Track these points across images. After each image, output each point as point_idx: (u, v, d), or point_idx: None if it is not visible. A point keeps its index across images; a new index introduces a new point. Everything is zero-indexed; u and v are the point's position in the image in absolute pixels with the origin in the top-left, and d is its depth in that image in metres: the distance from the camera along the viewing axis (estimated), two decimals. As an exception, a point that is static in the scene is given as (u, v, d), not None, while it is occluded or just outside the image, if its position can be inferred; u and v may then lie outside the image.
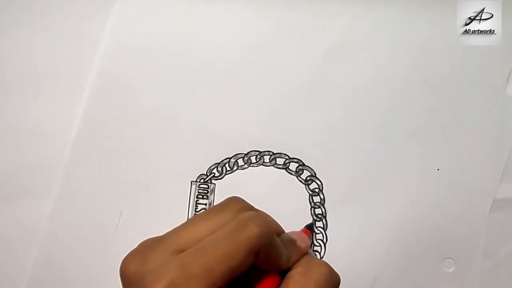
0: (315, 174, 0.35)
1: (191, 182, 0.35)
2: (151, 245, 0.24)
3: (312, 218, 0.35)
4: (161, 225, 0.34)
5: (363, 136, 0.35)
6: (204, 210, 0.34)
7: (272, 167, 0.35)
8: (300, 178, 0.35)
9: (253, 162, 0.35)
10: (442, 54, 0.35)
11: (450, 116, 0.35)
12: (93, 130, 0.35)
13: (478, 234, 0.35)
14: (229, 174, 0.35)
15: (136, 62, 0.35)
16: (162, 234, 0.25)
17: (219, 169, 0.35)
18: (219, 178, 0.35)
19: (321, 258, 0.34)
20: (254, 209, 0.26)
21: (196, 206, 0.34)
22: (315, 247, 0.34)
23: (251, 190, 0.35)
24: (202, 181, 0.35)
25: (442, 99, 0.35)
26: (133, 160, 0.35)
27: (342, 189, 0.35)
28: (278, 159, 0.35)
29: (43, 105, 0.35)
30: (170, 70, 0.35)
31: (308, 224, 0.34)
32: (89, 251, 0.34)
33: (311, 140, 0.35)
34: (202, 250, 0.22)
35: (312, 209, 0.35)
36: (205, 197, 0.34)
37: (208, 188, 0.35)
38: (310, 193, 0.35)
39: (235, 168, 0.35)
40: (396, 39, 0.35)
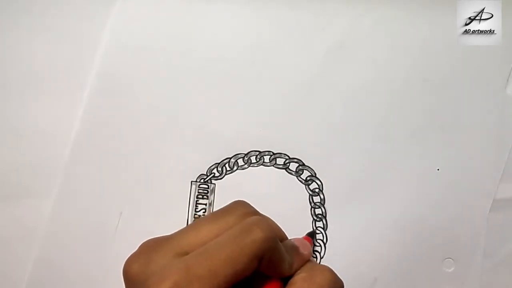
0: (315, 174, 0.35)
1: (191, 182, 0.35)
2: (155, 246, 0.24)
3: (312, 218, 0.35)
4: (161, 225, 0.34)
5: (363, 136, 0.35)
6: (208, 213, 0.34)
7: (272, 167, 0.35)
8: (300, 178, 0.35)
9: (253, 162, 0.35)
10: (442, 54, 0.35)
11: (450, 116, 0.35)
12: (93, 130, 0.35)
13: (478, 234, 0.35)
14: (229, 174, 0.35)
15: (136, 62, 0.35)
16: (165, 235, 0.25)
17: (219, 169, 0.35)
18: (219, 178, 0.35)
19: (321, 258, 0.34)
20: (259, 213, 0.26)
21: (196, 206, 0.34)
22: (315, 247, 0.34)
23: (251, 190, 0.35)
24: (202, 181, 0.35)
25: (442, 99, 0.35)
26: (133, 160, 0.35)
27: (342, 189, 0.35)
28: (278, 159, 0.35)
29: (43, 105, 0.35)
30: (170, 70, 0.35)
31: (309, 232, 0.34)
32: (89, 251, 0.34)
33: (311, 140, 0.35)
34: (206, 253, 0.22)
35: (312, 209, 0.35)
36: (205, 197, 0.34)
37: (208, 188, 0.35)
38: (310, 193, 0.35)
39: (235, 168, 0.35)
40: (396, 39, 0.35)
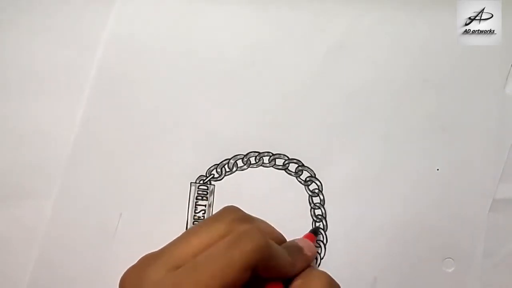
0: (315, 174, 0.35)
1: (191, 183, 0.35)
2: (149, 261, 0.24)
3: (312, 219, 0.35)
4: (160, 226, 0.34)
5: (363, 136, 0.35)
6: (200, 222, 0.34)
7: (271, 168, 0.35)
8: (299, 179, 0.35)
9: (252, 163, 0.35)
10: (442, 54, 0.35)
11: (450, 116, 0.35)
12: (93, 131, 0.35)
13: (478, 234, 0.35)
14: (228, 175, 0.35)
15: (135, 62, 0.35)
16: (159, 249, 0.25)
17: (219, 170, 0.35)
18: (219, 179, 0.35)
19: (321, 258, 0.34)
20: (250, 218, 0.26)
21: (195, 207, 0.34)
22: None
23: (251, 191, 0.35)
24: (202, 182, 0.35)
25: (442, 99, 0.35)
26: (132, 161, 0.35)
27: (341, 189, 0.35)
28: (277, 160, 0.35)
29: (43, 105, 0.35)
30: (170, 71, 0.35)
31: (313, 228, 0.34)
32: (89, 252, 0.34)
33: (311, 140, 0.35)
34: (196, 267, 0.22)
35: (312, 209, 0.35)
36: (204, 198, 0.34)
37: (207, 189, 0.35)
38: (310, 193, 0.35)
39: (235, 169, 0.35)
40: (396, 39, 0.35)
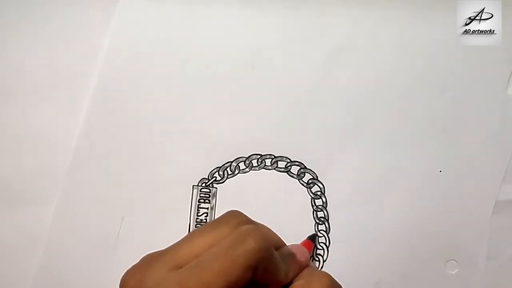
0: (317, 177, 0.35)
1: (193, 186, 0.35)
2: (151, 261, 0.24)
3: (314, 222, 0.35)
4: (163, 229, 0.34)
5: (364, 138, 0.35)
6: (203, 225, 0.34)
7: (273, 171, 0.35)
8: (301, 181, 0.35)
9: (254, 165, 0.35)
10: (442, 55, 0.35)
11: (451, 117, 0.35)
12: (94, 136, 0.35)
13: (481, 236, 0.35)
14: (230, 178, 0.35)
15: (137, 67, 0.35)
16: (162, 249, 0.25)
17: (221, 173, 0.35)
18: (221, 182, 0.35)
19: (324, 261, 0.34)
20: (253, 222, 0.26)
21: (198, 210, 0.34)
22: (318, 251, 0.34)
23: (253, 193, 0.35)
24: (204, 185, 0.35)
25: (442, 100, 0.35)
26: (134, 165, 0.35)
27: (344, 191, 0.35)
28: (279, 163, 0.35)
29: (44, 111, 0.35)
30: (171, 75, 0.35)
31: (310, 235, 0.34)
32: (91, 257, 0.34)
33: (312, 143, 0.35)
34: (199, 266, 0.22)
35: (314, 212, 0.35)
36: (207, 201, 0.34)
37: (210, 192, 0.34)
38: (312, 196, 0.35)
39: (237, 171, 0.35)
40: (396, 40, 0.35)
